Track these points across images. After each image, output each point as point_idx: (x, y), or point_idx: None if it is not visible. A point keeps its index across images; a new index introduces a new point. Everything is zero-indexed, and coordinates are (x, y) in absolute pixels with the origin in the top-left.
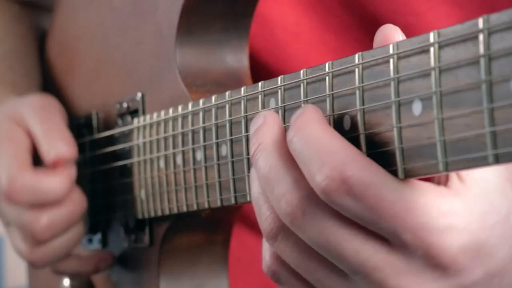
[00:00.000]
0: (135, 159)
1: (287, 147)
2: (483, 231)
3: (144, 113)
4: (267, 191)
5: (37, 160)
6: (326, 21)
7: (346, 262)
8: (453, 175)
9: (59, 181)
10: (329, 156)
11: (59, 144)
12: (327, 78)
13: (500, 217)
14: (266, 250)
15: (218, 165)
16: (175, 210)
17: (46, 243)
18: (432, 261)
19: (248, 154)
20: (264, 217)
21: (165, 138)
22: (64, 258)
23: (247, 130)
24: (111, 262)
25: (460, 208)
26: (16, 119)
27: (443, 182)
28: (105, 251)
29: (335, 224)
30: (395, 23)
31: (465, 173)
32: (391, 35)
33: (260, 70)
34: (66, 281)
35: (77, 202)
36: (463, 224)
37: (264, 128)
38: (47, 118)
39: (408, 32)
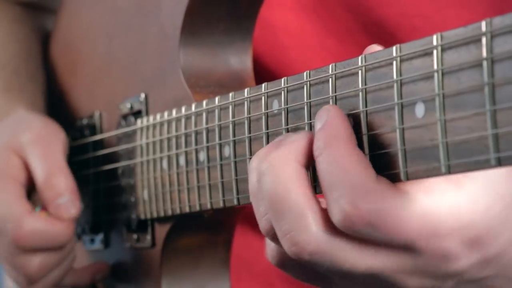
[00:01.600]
0: (138, 160)
1: (303, 172)
2: (487, 220)
3: (147, 113)
4: (272, 206)
5: None
6: (329, 26)
7: (357, 277)
8: None
9: (67, 228)
10: (347, 187)
11: (66, 202)
12: (330, 80)
13: (504, 203)
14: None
15: (221, 165)
16: (177, 211)
17: (39, 281)
18: (437, 256)
19: (251, 154)
20: (261, 214)
21: (168, 139)
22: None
23: (250, 131)
24: (106, 273)
25: (465, 202)
26: (15, 148)
27: None
28: (101, 262)
29: (347, 254)
30: (402, 26)
31: None
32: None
33: (263, 74)
34: None
35: (71, 245)
36: (469, 219)
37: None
38: (47, 153)
39: (416, 34)
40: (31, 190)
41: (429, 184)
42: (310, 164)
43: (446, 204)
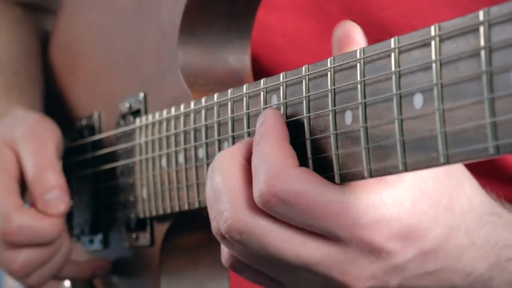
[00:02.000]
0: (137, 158)
1: (249, 162)
2: (414, 216)
3: (146, 113)
4: (215, 198)
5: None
6: (326, 28)
7: (290, 264)
8: None
9: (55, 224)
10: (266, 171)
11: (54, 198)
12: (329, 73)
13: (432, 201)
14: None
15: None
16: (176, 209)
17: (30, 275)
18: (365, 248)
19: None
20: (212, 216)
21: (167, 137)
22: (60, 270)
23: (249, 126)
24: (107, 269)
25: (390, 199)
26: (9, 142)
27: None
28: (103, 258)
29: (273, 237)
30: (402, 27)
31: None
32: (351, 30)
33: (260, 76)
34: (67, 282)
35: (59, 241)
36: (392, 214)
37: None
38: (39, 147)
39: None
40: (23, 189)
41: (357, 182)
42: None
43: (368, 198)
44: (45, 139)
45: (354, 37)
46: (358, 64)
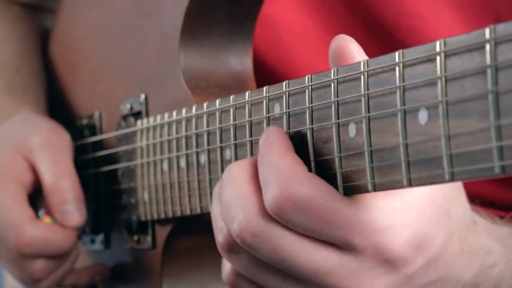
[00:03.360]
0: (138, 161)
1: (254, 170)
2: (422, 223)
3: (147, 115)
4: (224, 210)
5: None
6: (330, 23)
7: (301, 273)
8: None
9: (70, 237)
10: (277, 177)
11: (72, 210)
12: (332, 84)
13: (435, 207)
14: (226, 261)
15: (222, 168)
16: (178, 213)
17: (43, 280)
18: (380, 257)
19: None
20: (219, 230)
21: (169, 141)
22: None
23: (251, 134)
24: (106, 274)
25: (399, 205)
26: (23, 151)
27: None
28: (101, 264)
29: (286, 241)
30: (399, 26)
31: None
32: (345, 44)
33: (264, 72)
34: None
35: (74, 254)
36: (403, 220)
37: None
38: (55, 159)
39: (412, 34)
40: (34, 195)
41: None
42: None
43: (378, 205)
44: (61, 149)
45: (349, 50)
46: (362, 77)
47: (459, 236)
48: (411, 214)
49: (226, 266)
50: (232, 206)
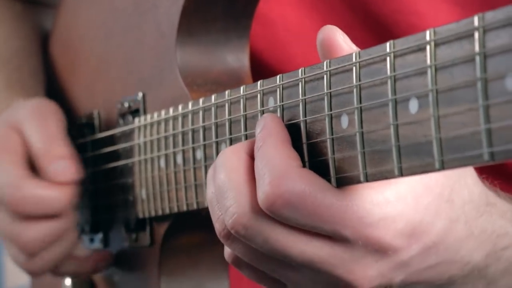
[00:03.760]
0: (136, 159)
1: (249, 160)
2: (417, 212)
3: (145, 112)
4: (218, 197)
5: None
6: (328, 21)
7: (294, 261)
8: None
9: (63, 194)
10: (270, 173)
11: (63, 166)
12: (325, 76)
13: (434, 195)
14: None
15: None
16: (175, 209)
17: (37, 254)
18: (371, 247)
19: None
20: (216, 217)
21: (166, 138)
22: (62, 262)
23: (246, 128)
24: (110, 261)
25: (393, 196)
26: (13, 125)
27: None
28: (104, 250)
29: (278, 233)
30: (397, 23)
31: None
32: (331, 34)
33: (262, 71)
34: (68, 281)
35: (69, 216)
36: (397, 211)
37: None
38: (44, 124)
39: (411, 31)
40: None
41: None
42: None
43: (372, 197)
44: (48, 116)
45: (336, 40)
46: (354, 68)
47: (466, 220)
48: (406, 204)
49: (227, 248)
50: (225, 196)
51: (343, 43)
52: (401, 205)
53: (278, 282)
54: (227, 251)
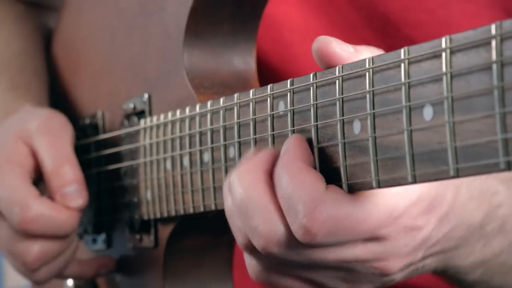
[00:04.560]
0: (141, 160)
1: (270, 176)
2: (430, 188)
3: (150, 114)
4: (242, 212)
5: None
6: (333, 21)
7: (328, 265)
8: None
9: (73, 217)
10: (302, 204)
11: (73, 191)
12: (337, 81)
13: None
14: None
15: (226, 167)
16: (181, 212)
17: (38, 269)
18: (403, 235)
19: None
20: (237, 228)
21: (172, 140)
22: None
23: (255, 132)
24: (111, 267)
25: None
26: (23, 136)
27: None
28: (106, 256)
29: (315, 251)
30: (406, 21)
31: None
32: (324, 45)
33: (268, 71)
34: (70, 281)
35: (73, 236)
36: (416, 194)
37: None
38: (55, 141)
39: (420, 29)
40: (37, 180)
41: None
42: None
43: (392, 190)
44: (60, 134)
45: (331, 49)
46: (367, 74)
47: (467, 183)
48: (422, 187)
49: (252, 262)
50: (250, 215)
51: (340, 51)
52: (418, 189)
53: (317, 284)
54: (253, 266)
